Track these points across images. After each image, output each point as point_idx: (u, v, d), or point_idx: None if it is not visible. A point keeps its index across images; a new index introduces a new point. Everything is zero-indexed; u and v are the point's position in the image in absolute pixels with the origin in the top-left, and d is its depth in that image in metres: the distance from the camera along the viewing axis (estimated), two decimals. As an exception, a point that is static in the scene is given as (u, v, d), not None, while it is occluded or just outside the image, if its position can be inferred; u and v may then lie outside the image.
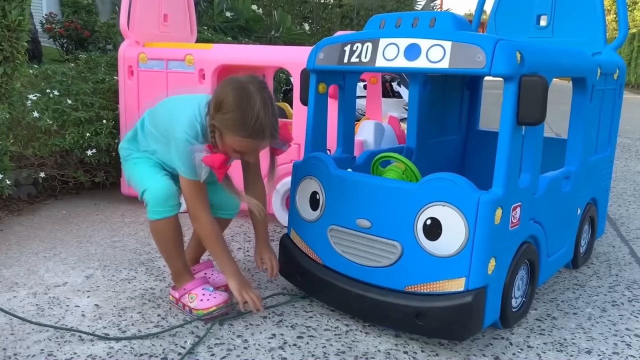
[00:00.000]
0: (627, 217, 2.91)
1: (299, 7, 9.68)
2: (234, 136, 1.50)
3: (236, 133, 1.50)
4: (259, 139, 1.52)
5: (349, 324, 1.67)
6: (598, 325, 1.72)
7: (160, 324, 1.64)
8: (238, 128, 1.49)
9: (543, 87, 1.44)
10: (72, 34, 6.63)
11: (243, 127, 1.48)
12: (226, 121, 1.50)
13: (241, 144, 1.52)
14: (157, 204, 1.63)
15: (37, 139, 2.72)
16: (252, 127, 1.47)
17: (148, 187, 1.65)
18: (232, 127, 1.49)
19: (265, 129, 1.49)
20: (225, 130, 1.51)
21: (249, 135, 1.49)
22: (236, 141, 1.52)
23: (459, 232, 1.46)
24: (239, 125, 1.48)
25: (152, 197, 1.63)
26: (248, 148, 1.55)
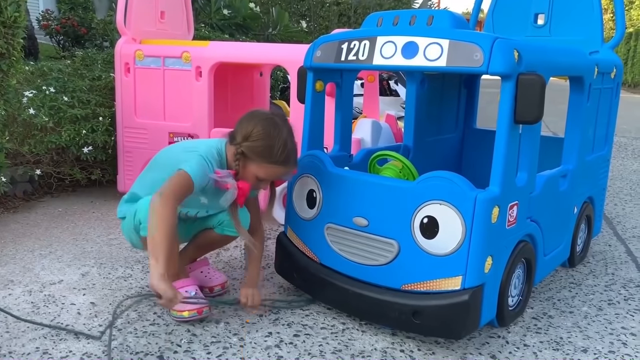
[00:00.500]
0: (623, 216, 2.91)
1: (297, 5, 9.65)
2: (261, 163, 1.59)
3: (265, 160, 1.59)
4: (285, 166, 1.62)
5: (345, 323, 1.67)
6: (594, 323, 1.72)
7: (156, 322, 1.64)
8: (267, 155, 1.58)
9: (540, 85, 1.44)
10: (68, 30, 6.60)
11: (272, 154, 1.58)
12: (256, 149, 1.58)
13: (267, 170, 1.61)
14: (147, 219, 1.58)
15: (33, 136, 2.71)
16: (280, 154, 1.58)
17: (137, 208, 1.65)
18: (261, 154, 1.59)
19: (291, 157, 1.62)
20: (253, 157, 1.59)
21: (277, 162, 1.60)
22: (262, 168, 1.60)
23: (455, 231, 1.46)
24: (268, 153, 1.58)
25: (143, 213, 1.60)
26: (273, 175, 1.64)
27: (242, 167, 1.61)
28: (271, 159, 1.59)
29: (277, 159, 1.59)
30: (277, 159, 1.59)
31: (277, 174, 1.64)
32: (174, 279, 1.70)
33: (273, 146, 1.58)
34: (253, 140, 1.58)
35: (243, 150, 1.59)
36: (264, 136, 1.58)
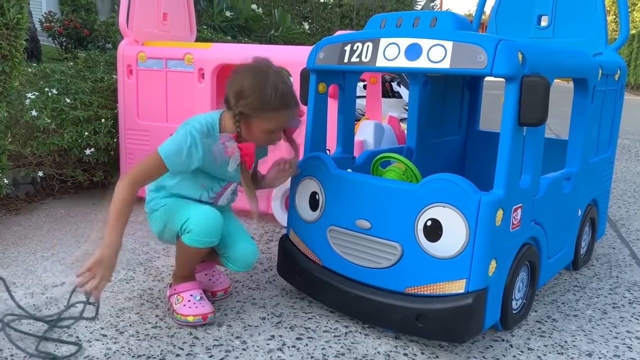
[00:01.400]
0: (627, 219, 2.90)
1: (299, 7, 9.66)
2: (262, 115, 1.55)
3: (264, 111, 1.54)
4: (286, 109, 1.57)
5: (348, 326, 1.66)
6: (599, 327, 1.71)
7: (158, 325, 1.63)
8: (265, 104, 1.53)
9: (545, 87, 1.43)
10: (71, 32, 6.61)
11: (268, 103, 1.53)
12: (251, 104, 1.53)
13: (271, 120, 1.56)
14: (202, 234, 1.57)
15: (36, 138, 2.70)
16: (274, 99, 1.53)
17: (191, 215, 1.58)
18: (259, 106, 1.54)
19: (288, 98, 1.56)
20: (252, 113, 1.54)
21: (277, 107, 1.54)
22: (266, 120, 1.56)
23: (459, 234, 1.45)
24: (265, 102, 1.53)
25: (196, 226, 1.56)
26: (279, 123, 1.59)
27: (246, 128, 1.57)
28: (269, 108, 1.54)
29: (275, 106, 1.54)
30: (275, 105, 1.54)
31: (282, 120, 1.59)
32: (182, 280, 1.70)
33: (266, 95, 1.52)
34: (246, 97, 1.53)
35: (241, 111, 1.55)
36: (254, 88, 1.53)
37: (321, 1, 9.88)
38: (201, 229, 1.58)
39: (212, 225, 1.59)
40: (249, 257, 1.71)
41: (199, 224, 1.58)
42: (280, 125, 1.61)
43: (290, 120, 1.62)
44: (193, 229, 1.57)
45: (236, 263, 1.71)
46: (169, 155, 1.53)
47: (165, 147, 1.54)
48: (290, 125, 1.66)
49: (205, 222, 1.58)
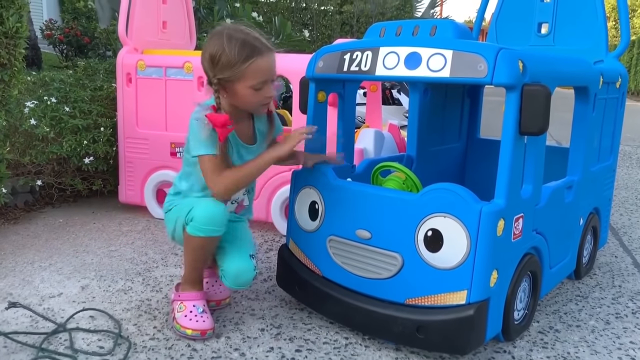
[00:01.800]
0: (629, 226, 2.88)
1: (299, 14, 9.68)
2: (237, 72, 1.49)
3: (236, 66, 1.49)
4: (260, 55, 1.50)
5: (348, 337, 1.64)
6: (602, 338, 1.69)
7: (156, 336, 1.61)
8: (233, 59, 1.48)
9: (546, 96, 1.42)
10: (71, 40, 6.63)
11: (235, 55, 1.48)
12: (225, 66, 1.49)
13: (249, 74, 1.50)
14: (203, 221, 1.55)
15: (34, 147, 2.69)
16: (241, 49, 1.48)
17: (195, 206, 1.57)
18: (229, 64, 1.49)
19: (255, 45, 1.50)
20: (228, 75, 1.50)
21: (247, 57, 1.48)
22: (244, 76, 1.50)
23: (460, 244, 1.43)
24: (235, 57, 1.48)
25: (198, 214, 1.55)
26: (258, 73, 1.51)
27: (234, 95, 1.54)
28: (239, 60, 1.48)
29: (244, 56, 1.48)
30: (243, 55, 1.48)
31: (261, 70, 1.51)
32: (189, 287, 1.67)
33: (230, 50, 1.47)
34: (217, 61, 1.49)
35: (218, 78, 1.51)
36: (217, 50, 1.49)
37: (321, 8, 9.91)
38: (203, 216, 1.55)
39: (215, 213, 1.56)
40: (241, 276, 1.63)
41: (201, 212, 1.56)
42: (262, 75, 1.52)
43: (269, 68, 1.53)
44: (195, 217, 1.56)
45: (228, 279, 1.63)
46: (206, 148, 1.52)
47: (196, 147, 1.54)
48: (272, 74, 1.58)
49: (208, 209, 1.56)
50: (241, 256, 1.64)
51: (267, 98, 1.58)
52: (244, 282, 1.64)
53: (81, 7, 7.83)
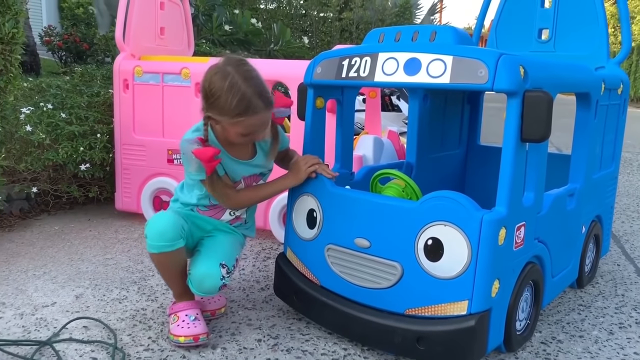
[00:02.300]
0: (631, 234, 2.85)
1: (299, 21, 9.69)
2: (229, 120, 1.49)
3: (227, 116, 1.48)
4: (255, 114, 1.49)
5: (347, 348, 1.61)
6: (605, 349, 1.66)
7: (150, 347, 1.58)
8: (230, 111, 1.47)
9: (547, 103, 1.39)
10: (70, 46, 6.62)
11: (230, 108, 1.46)
12: (218, 110, 1.48)
13: (241, 125, 1.50)
14: (153, 237, 1.54)
15: (30, 153, 2.67)
16: (237, 105, 1.46)
17: (148, 221, 1.58)
18: (225, 111, 1.48)
19: (252, 103, 1.47)
20: (221, 117, 1.49)
21: (239, 113, 1.47)
22: (236, 125, 1.50)
23: (461, 253, 1.40)
24: (229, 109, 1.47)
25: (149, 230, 1.55)
26: (251, 126, 1.51)
27: (222, 129, 1.53)
28: (232, 114, 1.46)
29: (237, 112, 1.46)
30: (237, 111, 1.46)
31: (253, 124, 1.50)
32: (180, 299, 1.65)
33: (227, 101, 1.45)
34: (211, 100, 1.48)
35: (209, 115, 1.50)
36: (216, 92, 1.46)
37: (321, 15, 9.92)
38: (153, 232, 1.54)
39: (163, 228, 1.53)
40: (204, 282, 1.56)
41: (151, 227, 1.55)
42: (252, 129, 1.52)
43: (262, 123, 1.53)
44: (147, 234, 1.55)
45: (193, 284, 1.58)
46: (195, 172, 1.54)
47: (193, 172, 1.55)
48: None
49: (157, 224, 1.54)
50: (209, 262, 1.59)
51: (256, 139, 1.61)
52: (208, 289, 1.58)
53: (80, 14, 7.83)
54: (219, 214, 1.70)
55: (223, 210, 1.70)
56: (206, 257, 1.61)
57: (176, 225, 1.56)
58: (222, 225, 1.71)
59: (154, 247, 1.55)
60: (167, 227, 1.55)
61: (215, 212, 1.69)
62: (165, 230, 1.54)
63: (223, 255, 1.63)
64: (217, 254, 1.62)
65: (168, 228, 1.55)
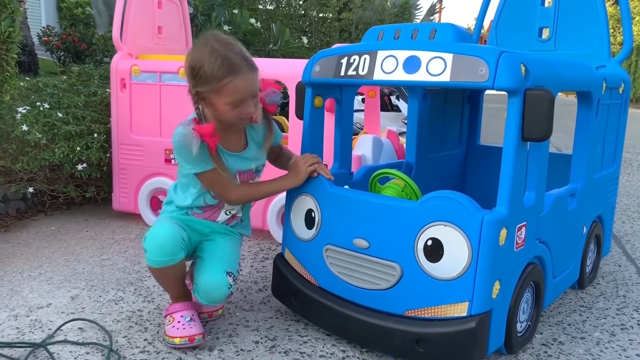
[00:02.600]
0: (632, 234, 2.83)
1: (298, 21, 9.66)
2: (214, 88, 1.45)
3: (217, 81, 1.44)
4: (239, 73, 1.45)
5: (345, 350, 1.59)
6: (607, 350, 1.64)
7: (146, 349, 1.56)
8: (214, 76, 1.43)
9: (549, 101, 1.37)
10: (69, 46, 6.60)
11: (217, 71, 1.43)
12: (202, 82, 1.45)
13: (226, 92, 1.45)
14: (153, 252, 1.51)
15: (26, 153, 2.64)
16: (224, 67, 1.43)
17: (147, 234, 1.55)
18: (210, 77, 1.44)
19: (235, 62, 1.44)
20: (208, 91, 1.46)
21: (226, 74, 1.43)
22: (221, 93, 1.45)
23: (461, 254, 1.38)
24: (213, 73, 1.43)
25: (148, 244, 1.52)
26: (238, 91, 1.46)
27: (212, 108, 1.49)
28: (217, 78, 1.43)
29: (224, 72, 1.42)
30: (224, 72, 1.42)
31: (240, 89, 1.45)
32: (176, 301, 1.63)
33: (209, 66, 1.42)
34: (195, 72, 1.45)
35: (197, 91, 1.47)
36: (198, 64, 1.44)
37: (320, 15, 9.90)
38: (152, 247, 1.51)
39: (163, 242, 1.50)
40: (212, 292, 1.54)
41: (150, 242, 1.52)
42: (239, 94, 1.46)
43: (249, 86, 1.48)
44: (146, 248, 1.52)
45: (200, 295, 1.56)
46: (200, 166, 1.52)
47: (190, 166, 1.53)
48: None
49: (156, 239, 1.51)
50: (214, 271, 1.56)
51: (246, 114, 1.52)
52: (216, 299, 1.57)
53: (79, 14, 7.81)
54: (215, 214, 1.66)
55: (219, 210, 1.66)
56: (210, 265, 1.58)
57: (176, 238, 1.52)
58: (219, 227, 1.68)
59: (154, 262, 1.52)
60: (167, 241, 1.51)
61: (211, 214, 1.66)
62: (165, 244, 1.51)
63: (227, 262, 1.60)
64: (220, 261, 1.59)
65: (168, 242, 1.51)
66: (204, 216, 1.66)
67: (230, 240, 1.69)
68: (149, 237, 1.53)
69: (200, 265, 1.60)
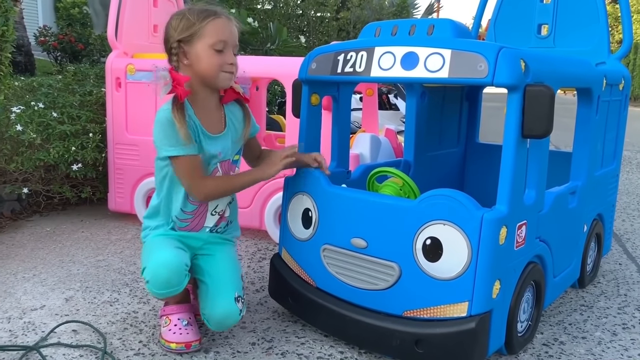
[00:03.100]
0: (632, 233, 2.81)
1: (296, 20, 9.64)
2: (199, 29, 1.47)
3: (199, 24, 1.47)
4: (220, 17, 1.50)
5: (343, 351, 1.56)
6: (609, 350, 1.61)
7: (141, 352, 1.53)
8: (196, 20, 1.47)
9: (549, 97, 1.35)
10: (65, 46, 6.56)
11: (199, 16, 1.47)
12: (185, 28, 1.47)
13: (212, 30, 1.47)
14: (157, 285, 1.45)
15: (21, 153, 2.62)
16: (202, 11, 1.48)
17: (148, 265, 1.47)
18: (192, 25, 1.47)
19: (214, 8, 1.51)
20: (190, 34, 1.47)
21: (208, 15, 1.48)
22: (207, 33, 1.47)
23: (461, 253, 1.36)
24: (195, 18, 1.47)
25: (151, 278, 1.45)
26: (221, 32, 1.48)
27: (194, 57, 1.48)
28: (201, 20, 1.47)
29: (205, 16, 1.47)
30: (205, 15, 1.48)
31: (219, 28, 1.48)
32: (174, 302, 1.60)
33: (192, 14, 1.48)
34: (176, 28, 1.48)
35: (177, 39, 1.48)
36: (179, 18, 1.49)
37: (318, 15, 9.87)
38: (156, 281, 1.45)
39: (167, 276, 1.43)
40: (225, 322, 1.51)
41: (153, 275, 1.45)
42: (221, 34, 1.48)
43: (227, 29, 1.50)
44: (149, 280, 1.46)
45: (212, 324, 1.52)
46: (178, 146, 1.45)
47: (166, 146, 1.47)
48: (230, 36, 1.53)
49: (160, 273, 1.44)
50: (224, 303, 1.49)
51: (229, 65, 1.50)
52: (229, 327, 1.55)
53: (76, 14, 7.77)
54: (202, 219, 1.58)
55: (205, 214, 1.58)
56: (218, 295, 1.51)
57: (180, 269, 1.45)
58: (211, 237, 1.62)
59: (158, 295, 1.49)
60: (172, 274, 1.44)
61: (198, 220, 1.58)
62: (170, 278, 1.44)
63: (232, 284, 1.53)
64: (226, 286, 1.52)
65: (173, 275, 1.44)
66: (192, 224, 1.58)
67: (228, 253, 1.62)
68: (151, 270, 1.46)
69: (207, 293, 1.53)
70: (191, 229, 1.58)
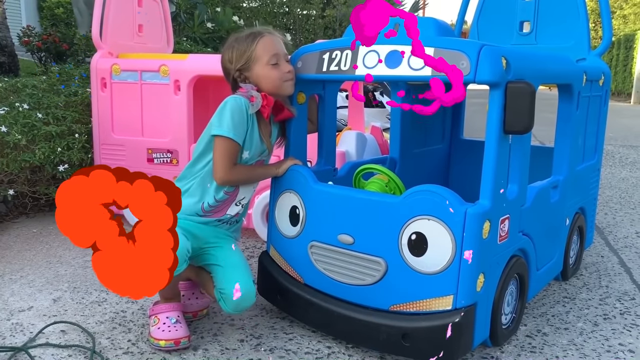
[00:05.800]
0: (614, 226, 2.86)
1: (282, 19, 9.63)
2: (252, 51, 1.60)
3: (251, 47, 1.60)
4: (264, 35, 1.63)
5: (331, 346, 1.58)
6: (590, 340, 1.65)
7: (130, 350, 1.54)
8: (247, 47, 1.61)
9: (530, 94, 1.38)
10: (50, 47, 6.50)
11: (247, 42, 1.61)
12: (239, 57, 1.62)
13: (263, 50, 1.60)
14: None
15: (6, 155, 2.60)
16: (249, 36, 1.62)
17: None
18: (244, 52, 1.61)
19: (255, 30, 1.65)
20: (246, 61, 1.61)
21: (254, 38, 1.61)
22: (259, 53, 1.60)
23: (445, 248, 1.38)
24: (245, 46, 1.61)
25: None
26: (271, 47, 1.62)
27: (255, 77, 1.61)
28: (250, 44, 1.61)
29: (252, 40, 1.61)
30: (252, 39, 1.61)
31: (268, 45, 1.62)
32: (164, 301, 1.61)
33: (240, 43, 1.62)
34: (232, 59, 1.62)
35: (238, 70, 1.62)
36: (230, 50, 1.63)
37: (304, 13, 9.87)
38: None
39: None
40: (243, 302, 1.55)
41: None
42: (272, 49, 1.61)
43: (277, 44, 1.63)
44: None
45: (228, 305, 1.55)
46: (231, 129, 1.55)
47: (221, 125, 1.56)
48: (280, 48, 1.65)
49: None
50: (246, 280, 1.56)
51: (287, 73, 1.64)
52: (244, 308, 1.58)
53: (60, 14, 7.70)
54: (224, 208, 1.65)
55: (230, 204, 1.66)
56: (236, 270, 1.58)
57: (182, 252, 1.47)
58: (222, 231, 1.68)
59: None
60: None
61: (221, 208, 1.64)
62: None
63: (248, 268, 1.62)
64: (244, 267, 1.61)
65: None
66: (213, 211, 1.64)
67: (237, 247, 1.70)
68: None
69: (224, 273, 1.58)
70: (211, 216, 1.65)
